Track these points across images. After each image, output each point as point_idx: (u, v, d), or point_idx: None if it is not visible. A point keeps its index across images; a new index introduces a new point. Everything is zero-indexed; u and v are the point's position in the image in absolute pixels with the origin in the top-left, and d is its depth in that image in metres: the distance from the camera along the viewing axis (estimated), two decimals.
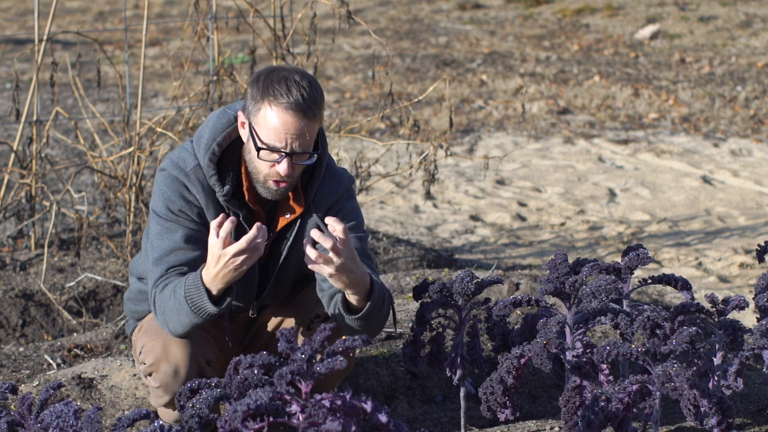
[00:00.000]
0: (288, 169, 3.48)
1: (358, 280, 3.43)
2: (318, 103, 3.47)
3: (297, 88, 3.44)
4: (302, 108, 3.43)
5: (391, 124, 9.27)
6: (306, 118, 3.44)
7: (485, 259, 6.58)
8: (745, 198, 7.66)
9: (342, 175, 3.73)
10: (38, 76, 5.80)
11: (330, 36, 9.18)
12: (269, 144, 3.46)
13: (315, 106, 3.45)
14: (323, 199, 3.68)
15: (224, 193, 3.57)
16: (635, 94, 10.25)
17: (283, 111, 3.43)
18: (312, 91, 3.46)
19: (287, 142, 3.45)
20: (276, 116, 3.44)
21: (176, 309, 3.48)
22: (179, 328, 3.52)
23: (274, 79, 3.46)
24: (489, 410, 3.45)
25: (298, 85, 3.44)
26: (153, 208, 3.62)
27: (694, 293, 5.85)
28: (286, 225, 3.68)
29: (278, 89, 3.44)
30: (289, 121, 3.44)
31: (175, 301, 3.47)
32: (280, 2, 5.89)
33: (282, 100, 3.43)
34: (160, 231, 3.58)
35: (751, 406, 3.99)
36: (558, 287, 3.50)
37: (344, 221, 3.54)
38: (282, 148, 3.46)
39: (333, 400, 2.69)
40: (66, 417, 2.78)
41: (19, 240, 6.21)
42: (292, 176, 3.52)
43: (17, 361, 4.77)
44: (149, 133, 6.05)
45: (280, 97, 3.43)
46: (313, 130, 3.48)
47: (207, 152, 3.57)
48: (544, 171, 8.30)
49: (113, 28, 10.66)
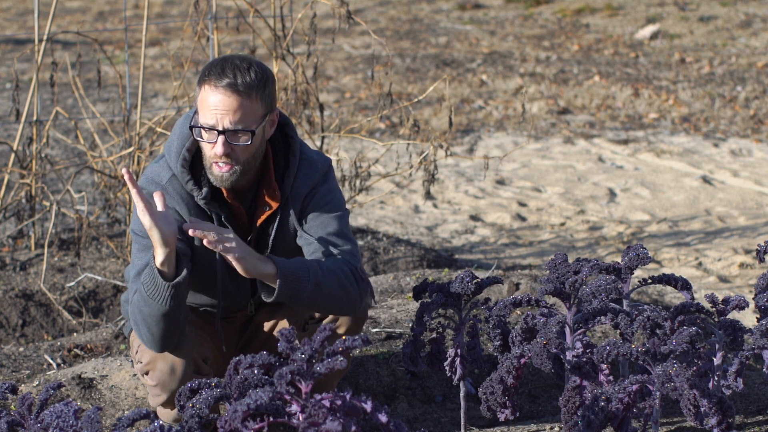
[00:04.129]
0: (223, 148, 3.49)
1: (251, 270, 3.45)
2: (255, 83, 3.48)
3: (232, 69, 3.48)
4: (232, 85, 3.46)
5: (391, 124, 9.27)
6: (236, 95, 3.46)
7: (485, 259, 6.58)
8: (745, 198, 7.66)
9: (316, 161, 3.73)
10: (38, 76, 5.80)
11: (330, 36, 9.18)
12: (203, 123, 3.50)
13: (247, 86, 3.47)
14: (300, 187, 3.69)
15: (203, 196, 3.59)
16: (635, 94, 10.25)
17: (213, 89, 3.48)
18: (249, 73, 3.48)
19: (218, 119, 3.48)
20: (207, 95, 3.49)
21: (142, 304, 3.48)
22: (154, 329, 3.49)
23: (213, 63, 3.53)
24: (489, 410, 3.45)
25: (235, 66, 3.49)
26: (132, 228, 3.66)
27: (694, 293, 5.85)
28: (267, 220, 3.69)
29: (213, 70, 3.49)
30: (218, 98, 3.47)
31: (139, 297, 3.49)
32: (280, 2, 5.89)
33: (213, 80, 3.48)
34: (138, 249, 3.62)
35: (751, 406, 3.99)
36: (558, 287, 3.49)
37: (320, 204, 3.65)
38: (214, 125, 3.48)
39: (333, 400, 2.69)
40: (66, 417, 2.78)
41: (19, 240, 6.21)
42: (234, 159, 3.52)
43: (17, 361, 4.77)
44: (149, 133, 6.05)
45: (213, 77, 3.48)
46: (247, 108, 3.48)
47: (178, 159, 3.60)
48: (544, 171, 8.30)
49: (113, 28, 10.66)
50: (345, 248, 3.66)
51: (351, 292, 3.59)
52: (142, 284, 3.46)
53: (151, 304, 3.45)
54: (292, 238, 3.72)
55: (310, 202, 3.70)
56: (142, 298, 3.47)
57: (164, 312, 3.45)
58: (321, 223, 3.68)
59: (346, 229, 3.71)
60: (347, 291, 3.58)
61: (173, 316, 3.48)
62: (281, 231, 3.70)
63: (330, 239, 3.66)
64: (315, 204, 3.70)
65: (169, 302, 3.44)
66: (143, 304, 3.47)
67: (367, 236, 6.57)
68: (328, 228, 3.68)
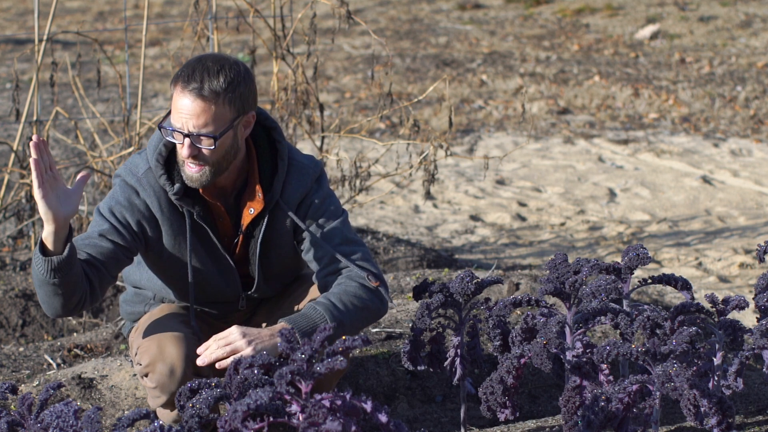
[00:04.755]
0: (188, 150, 3.50)
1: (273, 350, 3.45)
2: (222, 89, 3.47)
3: (201, 71, 3.48)
4: (197, 90, 3.46)
5: (391, 124, 9.27)
6: (200, 99, 3.46)
7: (485, 259, 6.58)
8: (745, 198, 7.66)
9: (307, 166, 3.73)
10: (38, 76, 5.79)
11: (330, 36, 9.17)
12: (172, 125, 3.52)
13: (213, 92, 3.46)
14: (293, 194, 3.68)
15: (174, 192, 3.60)
16: (635, 94, 10.25)
17: (180, 92, 3.49)
18: (218, 77, 3.47)
19: (183, 122, 3.49)
20: (176, 97, 3.51)
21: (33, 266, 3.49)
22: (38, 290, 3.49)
23: (187, 64, 3.54)
24: (489, 410, 3.45)
25: (205, 69, 3.48)
26: (98, 207, 3.66)
27: (694, 293, 5.85)
28: (254, 222, 3.69)
29: (184, 72, 3.50)
30: (184, 102, 3.48)
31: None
32: (280, 2, 5.89)
33: (181, 83, 3.49)
34: (92, 224, 3.63)
35: (751, 406, 3.99)
36: (558, 287, 3.49)
37: (318, 214, 3.65)
38: (180, 128, 3.50)
39: (333, 400, 2.69)
40: (66, 417, 2.77)
41: (19, 240, 6.21)
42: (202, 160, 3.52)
43: (17, 361, 4.77)
44: (149, 133, 6.05)
45: (181, 80, 3.49)
46: (212, 114, 3.48)
47: (154, 153, 3.63)
48: (544, 171, 8.30)
49: (113, 28, 10.66)
50: (355, 256, 3.66)
51: (371, 306, 3.61)
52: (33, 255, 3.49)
53: (34, 268, 3.45)
54: (284, 244, 3.72)
55: (308, 211, 3.69)
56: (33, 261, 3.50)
57: (44, 281, 3.44)
58: (325, 235, 3.68)
59: (350, 233, 3.71)
60: (368, 309, 3.61)
61: (54, 288, 3.44)
62: (270, 235, 3.70)
63: (339, 250, 3.66)
64: (314, 213, 3.69)
65: (47, 275, 3.42)
66: (33, 267, 3.49)
67: (367, 236, 6.57)
68: (334, 239, 3.67)
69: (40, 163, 3.37)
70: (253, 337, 3.45)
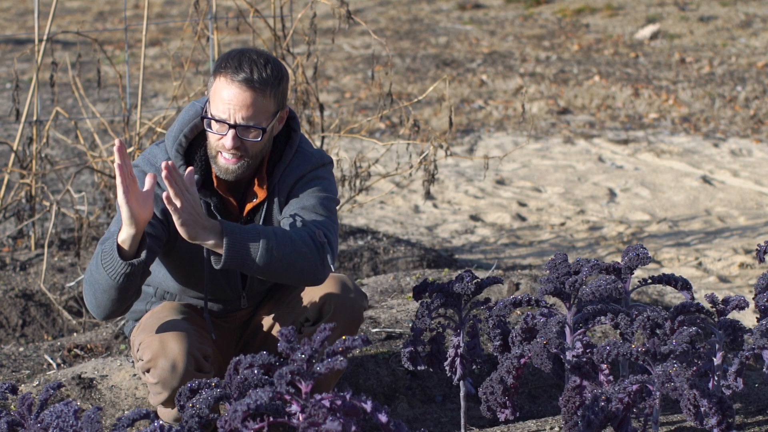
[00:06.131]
0: (232, 141, 3.49)
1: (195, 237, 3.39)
2: (270, 80, 3.48)
3: (249, 63, 3.48)
4: (248, 80, 3.46)
5: (391, 124, 9.27)
6: (251, 90, 3.47)
7: (485, 259, 6.58)
8: (745, 198, 7.66)
9: (312, 155, 3.73)
10: (38, 76, 5.80)
11: (330, 36, 9.18)
12: (215, 115, 3.50)
13: (264, 83, 3.47)
14: (287, 177, 3.68)
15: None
16: (635, 94, 10.25)
17: (228, 83, 3.48)
18: (265, 69, 3.48)
19: (230, 113, 3.48)
20: (222, 88, 3.49)
21: (95, 269, 3.45)
22: (99, 296, 3.46)
23: (230, 55, 3.53)
24: (489, 410, 3.45)
25: (252, 61, 3.49)
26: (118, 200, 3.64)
27: (694, 293, 5.85)
28: (253, 210, 3.69)
29: (230, 63, 3.49)
30: (234, 92, 3.47)
31: (95, 262, 3.47)
32: (280, 2, 5.89)
33: (229, 73, 3.48)
34: (117, 217, 3.58)
35: (751, 406, 3.99)
36: (558, 287, 3.49)
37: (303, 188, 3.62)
38: (226, 119, 3.49)
39: (333, 400, 2.69)
40: (66, 417, 2.77)
41: (19, 240, 6.21)
42: (243, 151, 3.52)
43: (17, 361, 4.77)
44: (149, 133, 6.05)
45: (229, 70, 3.48)
46: (260, 105, 3.49)
47: (174, 144, 3.62)
48: (544, 171, 8.30)
49: (113, 28, 10.66)
50: (314, 219, 3.61)
51: (308, 256, 3.51)
52: (102, 252, 3.44)
53: (102, 273, 3.43)
54: None
55: (295, 187, 3.69)
56: (97, 265, 3.45)
57: (112, 285, 3.43)
58: (298, 200, 3.66)
59: (323, 208, 3.65)
60: (304, 255, 3.51)
61: (120, 292, 3.44)
62: (268, 221, 3.71)
63: (300, 212, 3.62)
64: (299, 188, 3.69)
65: (121, 279, 3.41)
66: (95, 270, 3.46)
67: (367, 236, 6.57)
68: (303, 202, 3.64)
69: (123, 167, 3.34)
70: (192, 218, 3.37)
